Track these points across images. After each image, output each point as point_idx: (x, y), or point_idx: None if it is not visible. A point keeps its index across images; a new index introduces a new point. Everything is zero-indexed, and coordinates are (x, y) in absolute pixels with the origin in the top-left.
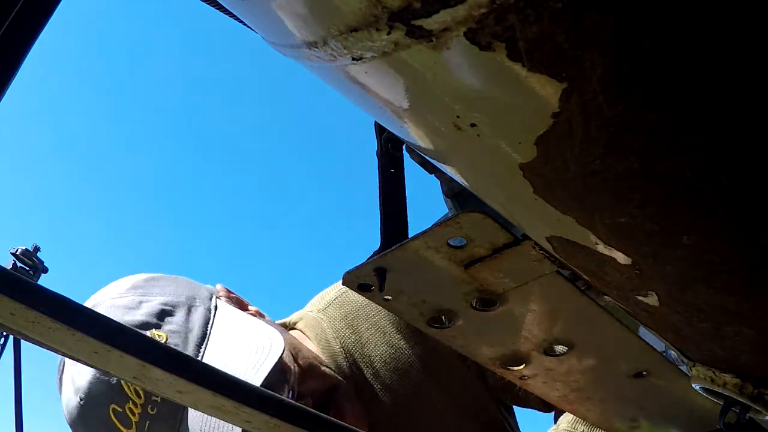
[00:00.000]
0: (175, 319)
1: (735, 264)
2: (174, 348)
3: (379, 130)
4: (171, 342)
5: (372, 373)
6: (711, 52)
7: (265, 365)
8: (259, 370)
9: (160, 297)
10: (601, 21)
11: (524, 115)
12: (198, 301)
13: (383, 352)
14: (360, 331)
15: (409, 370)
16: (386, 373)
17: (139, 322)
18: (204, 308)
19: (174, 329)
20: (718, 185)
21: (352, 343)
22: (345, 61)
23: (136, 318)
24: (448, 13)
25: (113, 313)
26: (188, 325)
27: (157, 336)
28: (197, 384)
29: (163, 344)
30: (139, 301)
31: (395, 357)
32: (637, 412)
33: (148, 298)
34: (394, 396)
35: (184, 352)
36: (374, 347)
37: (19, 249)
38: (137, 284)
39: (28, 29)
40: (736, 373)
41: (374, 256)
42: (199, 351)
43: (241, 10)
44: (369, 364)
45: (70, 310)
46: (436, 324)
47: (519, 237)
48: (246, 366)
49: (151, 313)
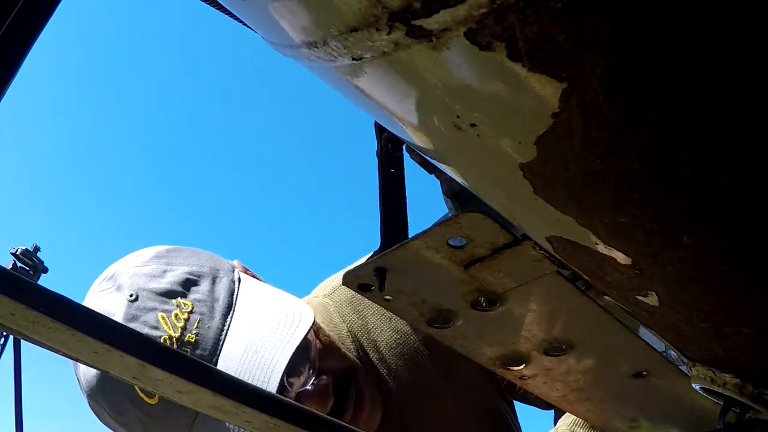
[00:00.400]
0: (201, 288)
1: (735, 264)
2: (174, 348)
3: (379, 130)
4: (197, 311)
5: (378, 358)
6: (711, 52)
7: (297, 333)
8: (291, 338)
9: (184, 267)
10: (601, 21)
11: (524, 115)
12: (221, 272)
13: (389, 338)
14: (366, 316)
15: (414, 355)
16: (392, 358)
17: (164, 290)
18: (228, 279)
19: (200, 298)
20: (718, 185)
21: (358, 327)
22: (345, 61)
23: (161, 286)
24: (448, 13)
25: (136, 281)
26: (213, 294)
27: (183, 305)
28: (197, 384)
29: (163, 344)
30: (164, 270)
31: (400, 342)
32: (637, 412)
33: (172, 267)
34: (399, 381)
35: (211, 321)
36: (380, 332)
37: (19, 249)
38: (160, 254)
39: (28, 29)
40: (736, 373)
41: (374, 256)
42: (225, 321)
43: (241, 10)
44: (375, 349)
45: (70, 310)
46: (436, 324)
47: (519, 237)
48: (276, 335)
49: (176, 281)
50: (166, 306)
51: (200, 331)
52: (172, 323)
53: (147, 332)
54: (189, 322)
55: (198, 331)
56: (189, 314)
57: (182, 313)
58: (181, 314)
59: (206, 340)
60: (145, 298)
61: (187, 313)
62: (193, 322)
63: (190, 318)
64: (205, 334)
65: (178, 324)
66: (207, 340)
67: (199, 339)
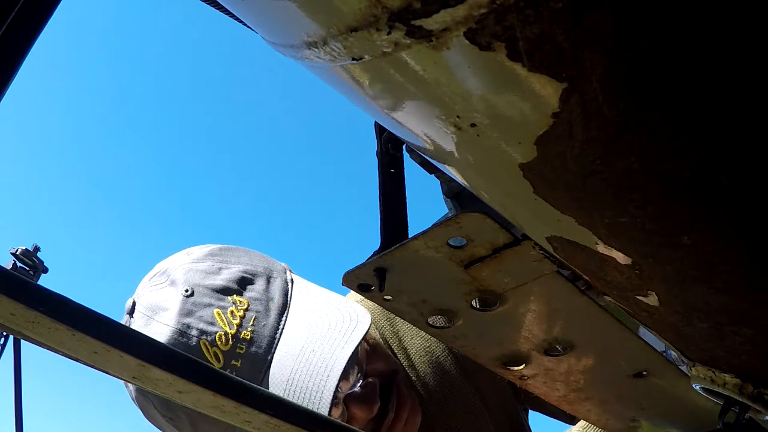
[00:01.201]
0: (256, 287)
1: (735, 264)
2: (173, 348)
3: (379, 130)
4: (253, 308)
5: (408, 365)
6: (711, 52)
7: (355, 334)
8: (350, 339)
9: (239, 265)
10: (601, 21)
11: (524, 115)
12: (275, 273)
13: (418, 345)
14: (396, 323)
15: (443, 363)
16: (421, 365)
17: (220, 287)
18: (282, 279)
19: (255, 296)
20: (718, 185)
21: (390, 334)
22: (345, 61)
23: (217, 282)
24: (448, 13)
25: (192, 277)
26: (269, 293)
27: (239, 302)
28: (197, 384)
29: (163, 344)
30: (219, 267)
31: (429, 350)
32: (637, 412)
33: (227, 265)
34: (427, 389)
35: (266, 319)
36: (410, 339)
37: (19, 249)
38: (214, 252)
39: (28, 29)
40: (736, 373)
41: (374, 256)
42: (281, 319)
43: (241, 10)
44: (405, 356)
45: (70, 310)
46: (436, 324)
47: (519, 237)
48: (334, 335)
49: (232, 279)
50: (222, 303)
51: (256, 328)
52: (227, 320)
53: (202, 327)
54: (245, 319)
55: (254, 328)
56: (245, 311)
57: (238, 311)
58: (237, 311)
59: (262, 337)
60: (201, 294)
61: (243, 310)
62: (249, 320)
63: (245, 315)
64: (261, 332)
65: (234, 321)
66: (263, 338)
67: (255, 336)
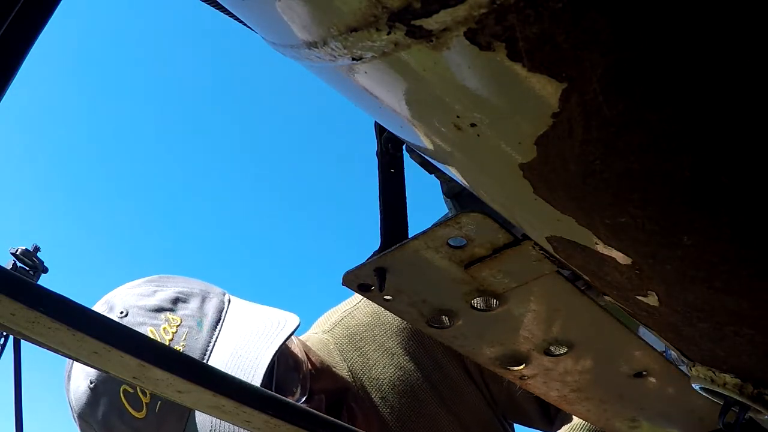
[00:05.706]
0: (190, 306)
1: (735, 264)
2: (174, 348)
3: (379, 130)
4: (185, 324)
5: (380, 397)
6: (711, 52)
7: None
8: (275, 340)
9: (174, 287)
10: (601, 21)
11: (524, 115)
12: (212, 294)
13: (391, 374)
14: (367, 353)
15: (417, 392)
16: (394, 396)
17: (154, 306)
18: (218, 300)
19: (188, 314)
20: (718, 185)
21: (360, 365)
22: (345, 61)
23: (151, 302)
24: (448, 13)
25: (127, 300)
26: (203, 311)
27: (172, 319)
28: (197, 384)
29: (163, 344)
30: (154, 290)
31: (403, 379)
32: (637, 412)
33: (162, 288)
34: (402, 419)
35: (198, 334)
36: (382, 369)
37: (19, 249)
38: (152, 279)
39: (28, 29)
40: (736, 373)
41: (374, 256)
42: (213, 333)
43: (241, 11)
44: (377, 387)
45: (70, 310)
46: (436, 324)
47: (519, 237)
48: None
49: (166, 299)
50: (155, 321)
51: (188, 342)
52: (160, 336)
53: None
54: (177, 335)
55: (186, 342)
56: (177, 327)
57: (171, 327)
58: (169, 327)
59: (193, 351)
60: (135, 314)
61: (176, 326)
62: (181, 335)
63: (178, 331)
64: (192, 345)
65: (167, 337)
66: (194, 350)
67: (187, 349)
